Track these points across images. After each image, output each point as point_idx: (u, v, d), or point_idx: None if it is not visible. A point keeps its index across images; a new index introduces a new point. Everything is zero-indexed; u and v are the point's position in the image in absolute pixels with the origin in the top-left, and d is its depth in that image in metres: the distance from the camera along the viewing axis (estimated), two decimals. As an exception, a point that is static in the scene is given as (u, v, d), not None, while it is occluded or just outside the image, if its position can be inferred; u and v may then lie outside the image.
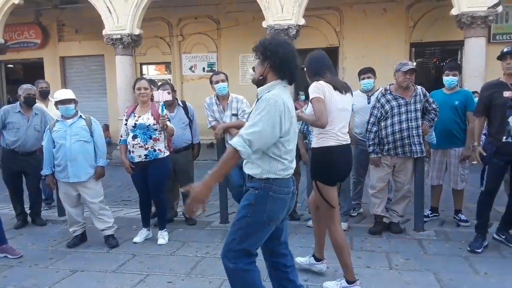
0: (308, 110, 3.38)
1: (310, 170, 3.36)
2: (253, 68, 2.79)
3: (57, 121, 4.30)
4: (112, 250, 4.22)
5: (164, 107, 4.21)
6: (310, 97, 3.15)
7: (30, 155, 5.00)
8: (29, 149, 4.98)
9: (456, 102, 4.58)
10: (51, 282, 3.50)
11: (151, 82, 4.99)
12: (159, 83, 5.29)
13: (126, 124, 4.32)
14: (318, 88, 3.10)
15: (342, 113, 3.20)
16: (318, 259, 3.53)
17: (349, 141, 3.28)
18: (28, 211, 5.26)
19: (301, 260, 3.59)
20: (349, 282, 3.12)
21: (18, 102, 5.02)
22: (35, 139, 4.99)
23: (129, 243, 4.40)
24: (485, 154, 3.89)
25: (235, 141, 2.23)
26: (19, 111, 4.95)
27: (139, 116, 4.25)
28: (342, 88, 3.21)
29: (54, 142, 4.24)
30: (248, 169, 2.44)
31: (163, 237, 4.40)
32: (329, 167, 3.16)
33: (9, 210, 5.54)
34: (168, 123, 4.23)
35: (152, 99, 4.35)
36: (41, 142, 4.76)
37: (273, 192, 2.36)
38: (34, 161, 4.97)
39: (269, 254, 2.60)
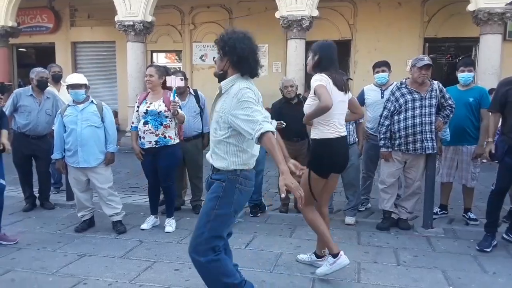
0: (306, 103, 3.36)
1: (309, 160, 3.38)
2: (214, 61, 2.81)
3: (69, 105, 4.31)
4: (119, 236, 4.25)
5: (175, 93, 4.20)
6: (314, 85, 3.15)
7: (41, 139, 5.03)
8: (40, 132, 5.00)
9: (471, 99, 4.51)
10: (58, 266, 3.53)
11: (165, 69, 4.97)
12: (172, 71, 5.25)
13: (137, 111, 4.32)
14: (322, 79, 3.16)
15: (341, 104, 3.26)
16: (319, 256, 3.52)
17: (345, 133, 3.36)
18: (37, 195, 5.30)
19: (303, 256, 3.61)
20: (334, 256, 3.20)
21: (30, 86, 5.04)
22: (46, 123, 5.01)
23: (137, 229, 4.42)
24: (493, 151, 3.83)
25: (267, 127, 2.22)
26: (31, 95, 4.97)
27: (150, 103, 4.26)
28: (341, 85, 3.25)
29: (65, 126, 4.25)
30: (214, 162, 2.51)
31: (170, 225, 4.41)
32: (329, 159, 3.24)
33: (17, 193, 5.59)
34: (179, 109, 4.22)
35: (164, 86, 4.34)
36: (52, 126, 4.79)
37: (239, 184, 2.44)
38: (45, 145, 5.00)
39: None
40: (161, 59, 13.58)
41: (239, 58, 2.41)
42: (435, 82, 4.22)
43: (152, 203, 4.57)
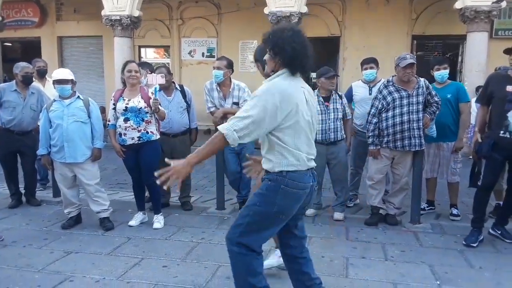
0: None
1: None
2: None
3: (55, 100, 4.24)
4: (107, 233, 4.21)
5: (157, 91, 4.16)
6: None
7: (26, 135, 4.95)
8: (25, 128, 4.92)
9: (449, 95, 4.55)
10: (45, 263, 3.49)
11: (147, 65, 4.92)
12: (155, 67, 5.20)
13: (114, 109, 4.27)
14: None
15: None
16: None
17: None
18: (22, 191, 5.22)
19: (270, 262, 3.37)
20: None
21: (14, 81, 4.95)
22: (31, 119, 4.93)
23: (125, 226, 4.38)
24: (480, 141, 3.88)
25: (223, 126, 2.21)
26: (15, 90, 4.88)
27: (129, 100, 4.20)
28: None
29: (50, 122, 4.19)
30: (263, 165, 2.42)
31: (158, 221, 4.38)
32: None
33: (3, 189, 5.52)
34: (159, 106, 4.19)
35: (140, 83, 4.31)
36: (37, 122, 4.71)
37: (285, 185, 2.30)
38: (30, 141, 4.93)
39: (282, 246, 2.58)
40: (149, 55, 13.46)
41: (291, 58, 2.30)
42: (422, 80, 4.25)
43: (138, 199, 4.54)
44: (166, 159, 2.29)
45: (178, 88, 4.94)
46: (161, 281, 3.18)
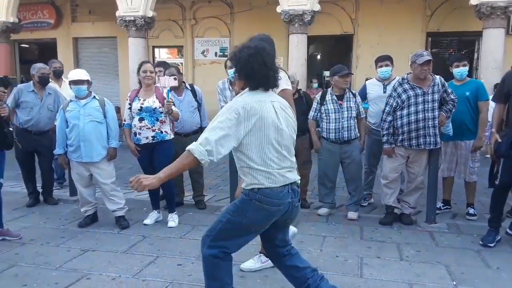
0: None
1: None
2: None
3: (71, 101, 4.31)
4: (122, 231, 4.26)
5: (169, 92, 4.21)
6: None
7: (43, 135, 5.03)
8: (42, 128, 5.00)
9: (467, 93, 4.48)
10: (62, 261, 3.54)
11: (165, 64, 4.94)
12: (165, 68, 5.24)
13: (130, 108, 4.32)
14: None
15: None
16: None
17: None
18: (40, 190, 5.31)
19: (249, 265, 3.39)
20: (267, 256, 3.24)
21: (32, 82, 5.04)
22: (48, 119, 5.01)
23: (140, 224, 4.43)
24: (500, 141, 3.80)
25: (193, 148, 2.23)
26: (33, 91, 4.97)
27: (144, 100, 4.26)
28: None
29: (67, 122, 4.25)
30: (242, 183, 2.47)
31: (173, 220, 4.42)
32: None
33: (21, 188, 5.61)
34: (173, 107, 4.24)
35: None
36: (54, 122, 4.79)
37: (257, 200, 2.31)
38: (47, 141, 5.02)
39: (267, 246, 2.64)
40: (162, 55, 13.56)
41: (247, 74, 2.36)
42: (437, 77, 4.20)
43: (152, 198, 4.58)
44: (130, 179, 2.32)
45: (189, 87, 4.98)
46: (176, 279, 3.21)
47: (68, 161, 4.38)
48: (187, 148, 2.26)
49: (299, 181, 2.47)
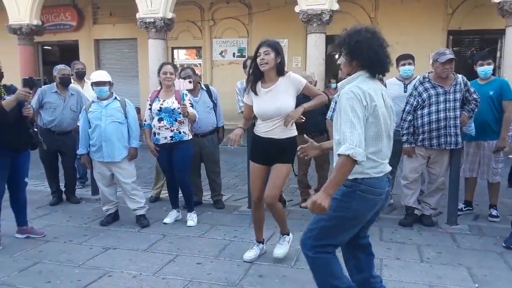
0: None
1: (290, 157, 3.42)
2: (339, 64, 2.71)
3: (93, 102, 4.39)
4: (143, 230, 4.32)
5: (184, 96, 4.26)
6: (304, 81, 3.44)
7: (66, 135, 5.14)
8: (65, 128, 5.11)
9: (491, 92, 4.39)
10: (85, 258, 3.62)
11: (174, 67, 4.98)
12: (180, 68, 5.29)
13: (150, 109, 4.38)
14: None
15: None
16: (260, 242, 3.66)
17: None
18: (63, 189, 5.43)
19: (283, 250, 3.54)
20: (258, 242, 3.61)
21: (55, 83, 5.16)
22: (71, 119, 5.12)
23: (160, 223, 4.49)
24: None
25: (343, 149, 2.07)
26: (56, 92, 5.08)
27: (163, 100, 4.31)
28: None
29: (89, 122, 4.34)
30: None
31: (192, 219, 4.46)
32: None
33: (44, 187, 5.74)
34: (190, 109, 4.26)
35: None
36: (77, 122, 4.89)
37: (361, 191, 2.24)
38: (70, 141, 5.13)
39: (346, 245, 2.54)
40: (181, 56, 13.69)
41: (370, 62, 2.23)
42: (459, 76, 4.13)
43: (172, 197, 4.63)
44: (302, 204, 2.28)
45: (204, 88, 5.02)
46: (196, 278, 3.24)
47: (91, 161, 4.47)
48: (339, 153, 2.09)
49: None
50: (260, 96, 3.32)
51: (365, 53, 2.22)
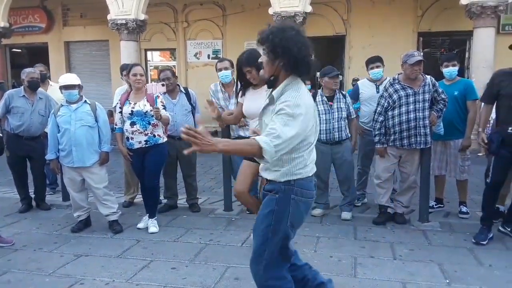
0: None
1: None
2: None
3: (62, 105, 4.28)
4: (116, 236, 4.24)
5: (157, 99, 4.18)
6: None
7: (34, 140, 5.00)
8: (33, 133, 4.97)
9: (456, 93, 4.51)
10: (55, 266, 3.52)
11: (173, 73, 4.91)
12: (160, 69, 5.23)
13: (121, 112, 4.27)
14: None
15: None
16: None
17: None
18: (32, 196, 5.27)
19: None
20: None
21: (22, 87, 5.01)
22: (40, 124, 4.98)
23: (133, 229, 4.41)
24: (486, 141, 3.83)
25: (261, 139, 2.00)
26: (24, 96, 4.94)
27: (134, 103, 4.20)
28: None
29: (58, 126, 4.23)
30: (265, 174, 2.27)
31: (154, 225, 4.34)
32: None
33: (13, 194, 5.58)
34: (162, 112, 4.16)
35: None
36: (46, 127, 4.76)
37: (295, 195, 2.18)
38: (39, 146, 5.00)
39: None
40: (155, 58, 13.54)
41: (296, 60, 2.08)
42: (428, 77, 4.22)
43: (146, 202, 4.55)
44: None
45: (183, 90, 4.97)
46: (170, 283, 3.20)
47: (60, 166, 4.36)
48: (257, 139, 2.01)
49: None
50: (248, 96, 3.50)
51: (292, 52, 2.06)
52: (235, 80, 3.64)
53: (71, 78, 4.25)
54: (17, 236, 4.24)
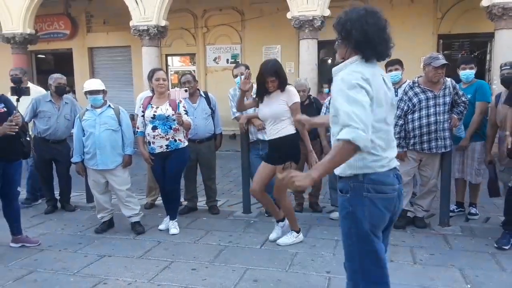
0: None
1: (286, 155, 3.79)
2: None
3: (87, 110, 4.41)
4: (138, 237, 4.33)
5: (179, 105, 4.25)
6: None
7: (60, 143, 5.16)
8: (59, 137, 5.13)
9: (469, 96, 4.45)
10: (79, 266, 3.62)
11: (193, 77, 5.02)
12: (181, 74, 5.33)
13: (143, 116, 4.34)
14: None
15: None
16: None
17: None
18: (58, 197, 5.42)
19: (286, 240, 4.00)
20: (297, 232, 4.05)
21: (49, 92, 5.17)
22: (65, 128, 5.13)
23: (155, 230, 4.50)
24: (510, 147, 3.77)
25: (342, 135, 1.80)
26: (50, 100, 5.10)
27: (157, 107, 4.26)
28: None
29: (83, 130, 4.36)
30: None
31: (175, 227, 4.42)
32: (299, 148, 3.88)
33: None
34: (184, 117, 4.23)
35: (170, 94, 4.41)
36: (71, 130, 4.91)
37: (367, 191, 1.97)
38: (65, 149, 5.14)
39: None
40: (175, 63, 13.74)
41: (358, 42, 1.97)
42: (448, 80, 4.19)
43: (167, 205, 4.63)
44: (278, 174, 2.00)
45: (203, 95, 5.05)
46: (191, 284, 3.26)
47: (85, 169, 4.48)
48: (339, 137, 1.81)
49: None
50: (264, 102, 3.85)
51: (354, 34, 1.97)
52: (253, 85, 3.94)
53: (96, 84, 4.38)
54: (43, 236, 4.37)
